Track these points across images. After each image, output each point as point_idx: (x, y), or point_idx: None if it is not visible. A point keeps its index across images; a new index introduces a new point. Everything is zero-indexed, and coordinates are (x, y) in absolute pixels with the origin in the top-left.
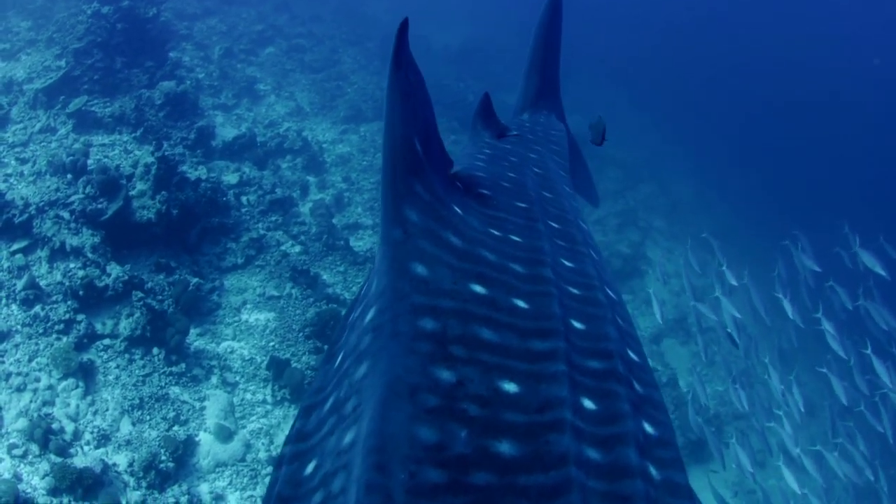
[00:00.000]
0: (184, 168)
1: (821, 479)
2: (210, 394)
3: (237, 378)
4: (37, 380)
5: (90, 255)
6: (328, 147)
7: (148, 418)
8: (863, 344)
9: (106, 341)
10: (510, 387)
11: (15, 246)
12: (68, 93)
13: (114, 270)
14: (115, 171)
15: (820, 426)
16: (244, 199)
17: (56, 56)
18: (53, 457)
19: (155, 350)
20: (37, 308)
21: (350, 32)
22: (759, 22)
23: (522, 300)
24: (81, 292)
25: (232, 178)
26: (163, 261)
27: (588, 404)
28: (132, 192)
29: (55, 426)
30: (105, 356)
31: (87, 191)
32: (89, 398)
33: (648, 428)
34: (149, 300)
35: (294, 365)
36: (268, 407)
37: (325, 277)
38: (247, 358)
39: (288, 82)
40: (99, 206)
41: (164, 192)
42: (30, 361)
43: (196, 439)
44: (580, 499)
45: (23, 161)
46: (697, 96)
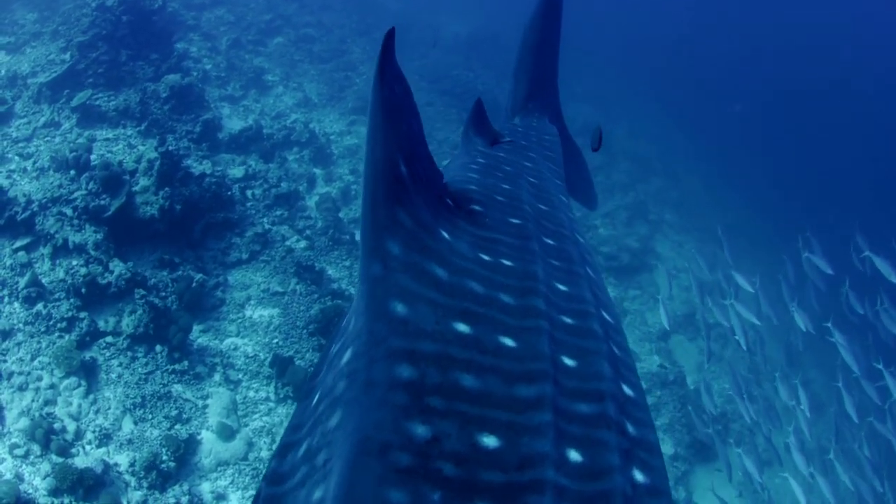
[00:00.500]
0: (188, 162)
1: (831, 496)
2: (213, 392)
3: (240, 376)
4: (39, 379)
5: (93, 253)
6: (336, 139)
7: (150, 417)
8: (874, 357)
9: (108, 339)
10: (490, 441)
11: (18, 243)
12: (72, 86)
13: (116, 267)
14: (118, 167)
15: (827, 424)
16: (249, 194)
17: (61, 49)
18: (55, 457)
19: (158, 347)
20: (39, 306)
21: (359, 22)
22: (779, 12)
23: (510, 337)
24: (84, 290)
25: (237, 172)
26: (166, 257)
27: (574, 456)
28: (135, 188)
29: (57, 426)
30: (107, 354)
31: (90, 187)
32: (91, 397)
33: (639, 476)
34: (151, 297)
35: (297, 362)
36: (271, 405)
37: (331, 272)
38: (250, 355)
39: (296, 73)
40: (102, 203)
41: (168, 189)
42: (32, 360)
43: (198, 438)
44: None
45: (26, 157)
46: (711, 87)
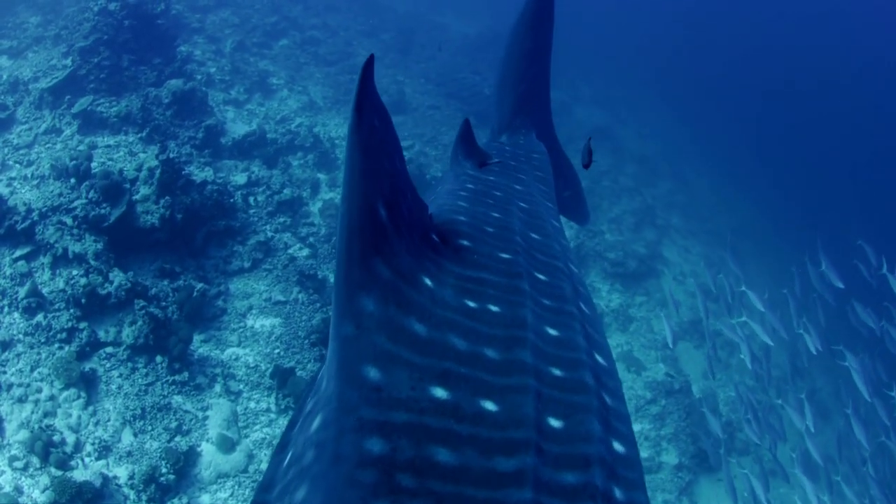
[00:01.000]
0: (190, 169)
1: None
2: (213, 403)
3: (241, 386)
4: (38, 390)
5: (93, 262)
6: (340, 143)
7: (150, 429)
8: (885, 377)
9: (109, 349)
10: None
11: (17, 252)
12: (74, 92)
13: (116, 278)
14: (119, 176)
15: (833, 431)
16: (252, 200)
17: (62, 54)
18: (54, 470)
19: (158, 358)
20: (39, 317)
21: (365, 23)
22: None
23: (492, 400)
24: (84, 300)
25: (240, 179)
26: (167, 266)
27: None
28: (136, 197)
29: (56, 438)
30: (108, 365)
31: (90, 196)
32: (91, 408)
33: None
34: (151, 308)
35: (299, 373)
36: (272, 416)
37: (333, 281)
38: (251, 365)
39: (301, 76)
40: (102, 212)
41: (168, 197)
42: (31, 371)
43: (198, 450)
44: None
45: (27, 164)
46: (719, 90)
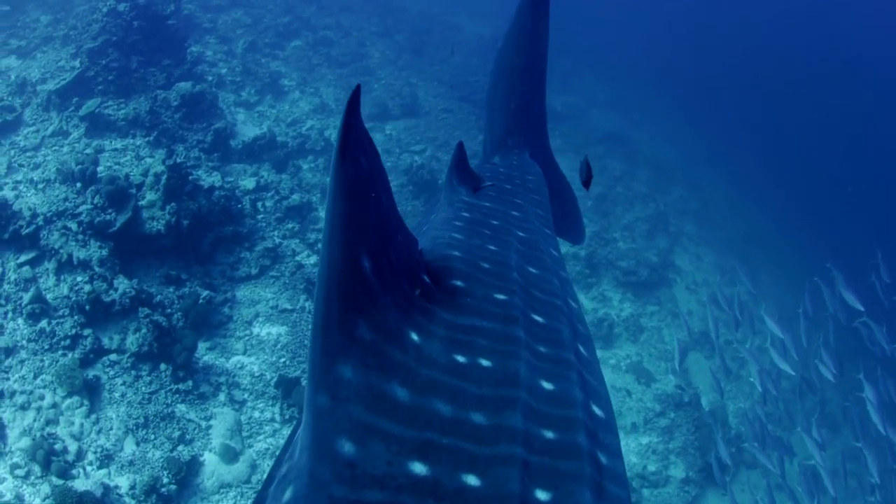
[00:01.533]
0: (198, 173)
1: None
2: (217, 412)
3: (245, 395)
4: (41, 398)
5: (97, 269)
6: None
7: (152, 438)
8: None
9: (113, 357)
10: None
11: (22, 258)
12: (82, 94)
13: (121, 285)
14: (125, 181)
15: (843, 442)
16: (260, 206)
17: (71, 55)
18: (55, 479)
19: (162, 366)
20: (43, 323)
21: (379, 24)
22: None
23: (476, 474)
24: (88, 307)
25: (249, 183)
26: (173, 273)
27: None
28: (141, 203)
29: (58, 446)
30: (111, 372)
31: (96, 201)
32: (94, 416)
33: None
34: (155, 316)
35: (304, 383)
36: (276, 426)
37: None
38: (256, 374)
39: (313, 77)
40: (107, 218)
41: (174, 203)
42: (35, 378)
43: (200, 459)
44: None
45: (34, 167)
46: (736, 95)
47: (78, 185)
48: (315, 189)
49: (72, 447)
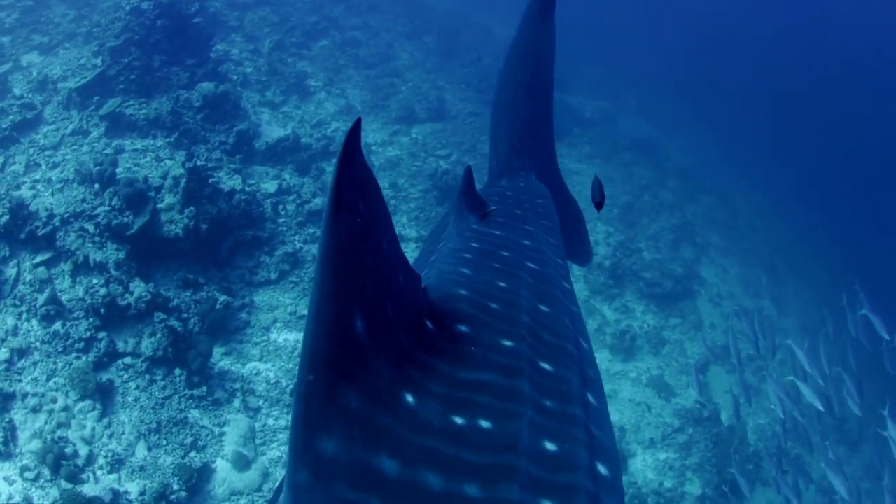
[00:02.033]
0: (219, 175)
1: None
2: (231, 418)
3: (260, 402)
4: (53, 400)
5: (113, 272)
6: (377, 149)
7: (164, 443)
8: None
9: (127, 360)
10: None
11: (38, 258)
12: (103, 93)
13: (137, 289)
14: (143, 184)
15: (861, 461)
16: (281, 209)
17: (93, 53)
18: (64, 483)
19: (177, 371)
20: (57, 325)
21: (408, 24)
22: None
23: None
24: (103, 310)
25: (270, 186)
26: (190, 276)
27: None
28: (160, 206)
29: (69, 450)
30: (125, 376)
31: (114, 203)
32: (106, 420)
33: None
34: (171, 321)
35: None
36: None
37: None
38: (272, 381)
39: (340, 78)
40: (125, 220)
41: (193, 207)
42: (47, 381)
43: (212, 466)
44: None
45: (52, 166)
46: (765, 103)
47: (96, 187)
48: None
49: (82, 451)
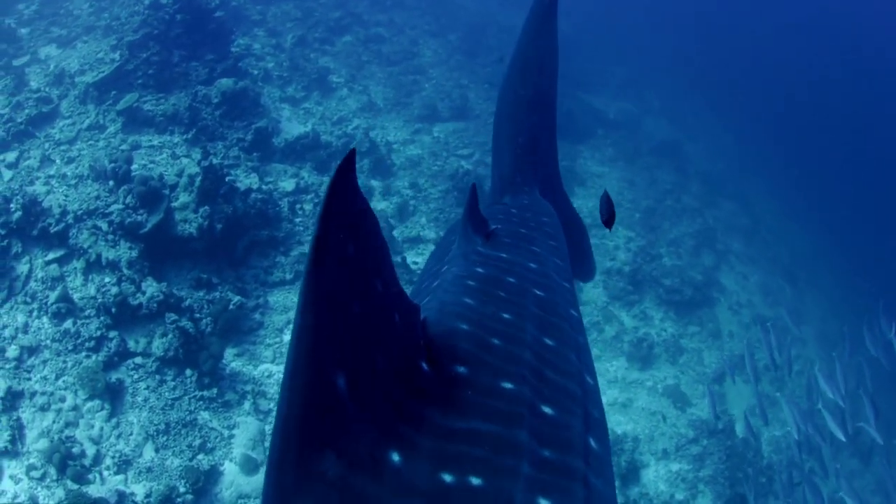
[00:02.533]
0: (236, 173)
1: None
2: (241, 421)
3: (271, 405)
4: (62, 399)
5: (126, 271)
6: (398, 148)
7: (172, 445)
8: None
9: (137, 360)
10: None
11: (50, 255)
12: (120, 88)
13: (149, 288)
14: (158, 182)
15: (873, 473)
16: (298, 209)
17: (111, 47)
18: (70, 483)
19: (188, 372)
20: (68, 323)
21: (433, 21)
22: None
23: None
24: (115, 309)
25: (288, 185)
26: (204, 276)
27: None
28: (174, 204)
29: (76, 450)
30: (135, 376)
31: (128, 201)
32: (114, 420)
33: None
34: (182, 322)
35: None
36: None
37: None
38: None
39: (362, 75)
40: (138, 219)
41: (208, 206)
42: (56, 379)
43: (220, 469)
44: None
45: (67, 161)
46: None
47: (110, 184)
48: None
49: (90, 451)
